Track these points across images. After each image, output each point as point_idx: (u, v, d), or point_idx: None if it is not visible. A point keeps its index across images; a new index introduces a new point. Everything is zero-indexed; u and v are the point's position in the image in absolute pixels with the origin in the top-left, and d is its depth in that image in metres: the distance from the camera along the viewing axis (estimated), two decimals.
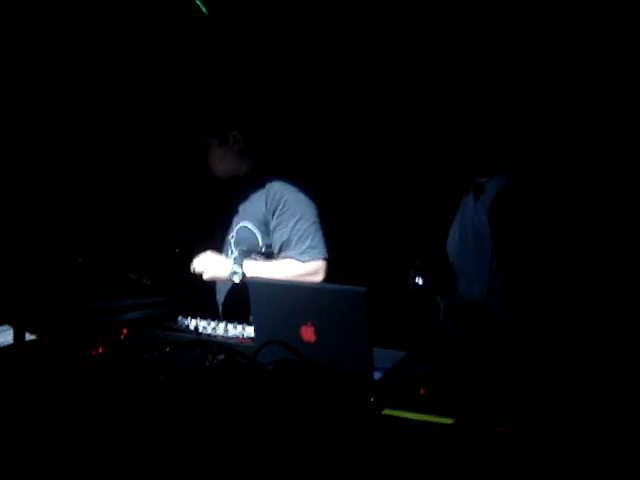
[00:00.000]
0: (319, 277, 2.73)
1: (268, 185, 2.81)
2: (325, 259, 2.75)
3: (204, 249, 2.85)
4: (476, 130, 2.44)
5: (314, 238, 2.75)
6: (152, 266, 2.89)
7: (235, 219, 2.94)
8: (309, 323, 1.97)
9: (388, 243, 3.42)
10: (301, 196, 2.77)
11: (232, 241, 2.92)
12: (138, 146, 3.54)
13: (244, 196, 2.91)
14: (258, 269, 2.72)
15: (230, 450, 1.60)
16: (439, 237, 2.67)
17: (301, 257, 2.74)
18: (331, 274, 2.75)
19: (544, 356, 2.08)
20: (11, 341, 2.29)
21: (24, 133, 3.23)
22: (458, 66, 3.06)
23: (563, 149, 2.77)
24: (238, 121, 2.86)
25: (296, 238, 2.75)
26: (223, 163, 2.90)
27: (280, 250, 2.78)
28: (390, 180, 3.47)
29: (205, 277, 2.78)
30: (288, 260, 2.76)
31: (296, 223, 2.75)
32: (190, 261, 2.83)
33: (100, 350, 2.14)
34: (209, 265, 2.78)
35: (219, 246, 3.00)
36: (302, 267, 2.73)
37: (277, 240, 2.78)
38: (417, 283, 2.49)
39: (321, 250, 2.75)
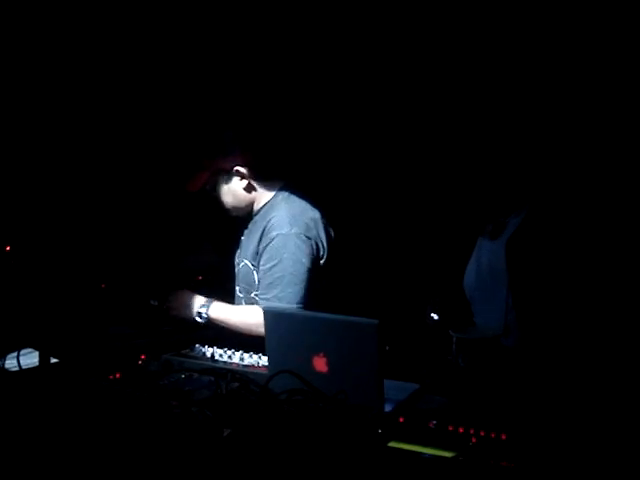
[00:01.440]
0: None
1: (269, 217, 2.72)
2: None
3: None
4: (492, 171, 2.47)
5: (284, 289, 2.60)
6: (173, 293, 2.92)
7: (241, 254, 2.91)
8: (321, 354, 1.99)
9: (405, 276, 3.43)
10: (292, 238, 2.62)
11: (240, 275, 2.89)
12: (160, 176, 3.60)
13: (251, 231, 2.87)
14: (223, 312, 2.70)
15: (238, 478, 1.62)
16: (456, 272, 2.68)
17: (265, 302, 2.63)
18: (347, 306, 2.61)
19: (556, 391, 2.07)
20: (35, 363, 2.34)
21: (54, 164, 3.31)
22: (479, 108, 3.08)
23: (578, 186, 2.78)
24: (242, 156, 2.77)
25: (266, 283, 2.64)
26: (233, 200, 2.84)
27: (254, 287, 2.72)
28: (409, 214, 3.48)
29: (171, 314, 2.75)
30: (254, 307, 2.68)
31: (272, 267, 2.63)
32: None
33: (117, 375, 2.18)
34: (178, 304, 2.74)
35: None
36: (260, 316, 2.57)
37: (257, 278, 2.71)
38: (433, 318, 2.50)
39: (288, 304, 2.58)
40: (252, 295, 2.79)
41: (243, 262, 2.84)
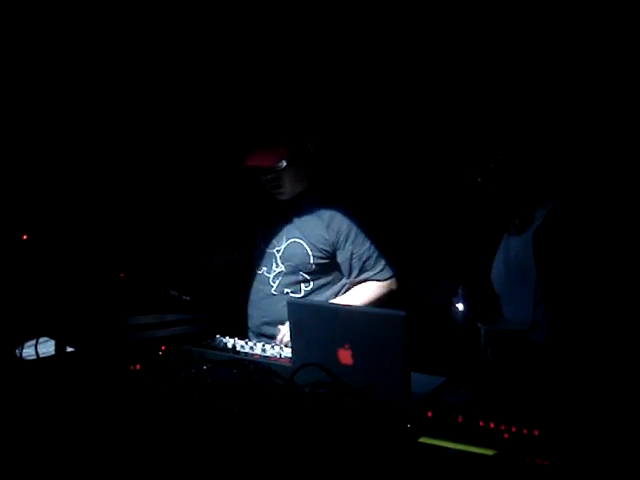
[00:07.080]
0: (396, 290, 2.94)
1: (329, 215, 2.87)
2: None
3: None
4: (519, 164, 2.42)
5: (382, 261, 2.90)
6: (192, 283, 2.89)
7: (285, 234, 2.92)
8: (347, 346, 1.95)
9: (432, 266, 3.39)
10: (355, 228, 2.89)
11: (278, 255, 2.91)
12: (189, 164, 3.58)
13: (297, 213, 2.92)
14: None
15: (263, 472, 1.58)
16: (483, 265, 2.63)
17: (382, 275, 2.89)
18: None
19: (586, 387, 2.02)
20: (53, 352, 2.32)
21: (72, 152, 3.30)
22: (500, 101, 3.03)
23: (605, 175, 2.72)
24: (314, 134, 2.92)
25: (375, 256, 2.89)
26: (295, 180, 2.90)
27: (360, 271, 2.89)
28: (434, 207, 3.43)
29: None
30: (363, 285, 2.90)
31: (370, 245, 2.88)
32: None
33: (138, 366, 2.14)
34: None
35: (257, 260, 3.03)
36: (384, 286, 2.90)
37: (355, 265, 2.88)
38: (460, 310, 2.46)
39: (392, 267, 2.94)
40: (300, 273, 2.88)
41: (292, 240, 2.91)
